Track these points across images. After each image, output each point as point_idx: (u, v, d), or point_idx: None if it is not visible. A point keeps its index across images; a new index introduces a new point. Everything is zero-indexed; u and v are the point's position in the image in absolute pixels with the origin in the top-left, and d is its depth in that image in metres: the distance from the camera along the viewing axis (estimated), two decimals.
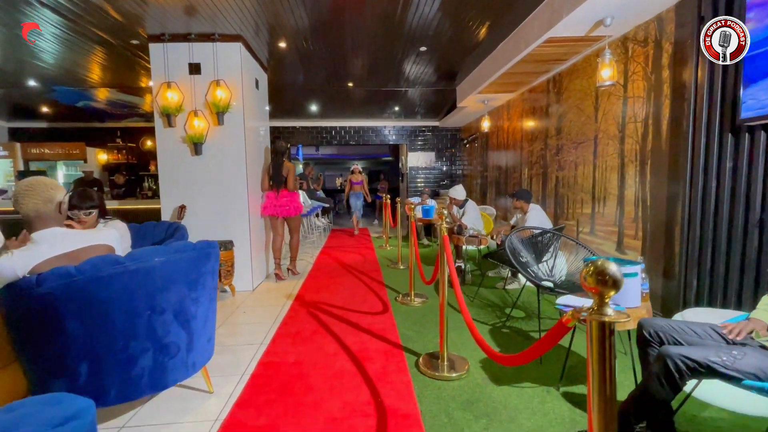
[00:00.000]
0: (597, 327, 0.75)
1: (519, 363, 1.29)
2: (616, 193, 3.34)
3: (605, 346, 0.74)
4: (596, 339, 0.75)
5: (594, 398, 0.75)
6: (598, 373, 0.74)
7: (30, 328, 1.52)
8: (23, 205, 1.54)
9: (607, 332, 0.74)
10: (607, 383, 0.73)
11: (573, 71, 4.00)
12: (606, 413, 0.74)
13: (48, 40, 3.91)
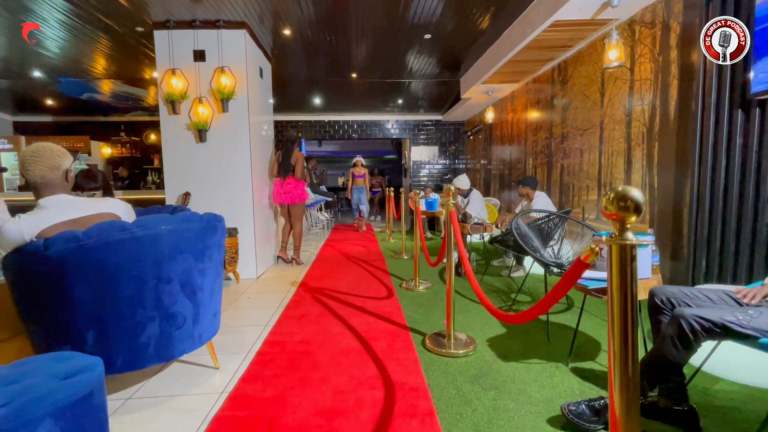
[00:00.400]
0: (618, 252, 0.73)
1: (531, 317, 1.28)
2: (623, 177, 3.31)
3: (627, 272, 0.73)
4: (616, 265, 0.73)
5: (615, 332, 0.74)
6: (618, 302, 0.73)
7: (37, 293, 1.51)
8: (29, 171, 1.53)
9: (629, 257, 0.72)
10: (628, 312, 0.72)
11: (578, 58, 3.98)
12: (628, 348, 0.72)
13: (53, 27, 3.91)
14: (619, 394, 0.73)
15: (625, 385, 0.73)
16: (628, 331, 0.73)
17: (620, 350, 0.73)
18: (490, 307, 1.69)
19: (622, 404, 0.74)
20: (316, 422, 1.55)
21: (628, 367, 0.72)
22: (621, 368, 0.73)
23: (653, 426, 1.46)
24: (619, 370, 0.73)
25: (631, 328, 0.72)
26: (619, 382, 0.73)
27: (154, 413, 1.65)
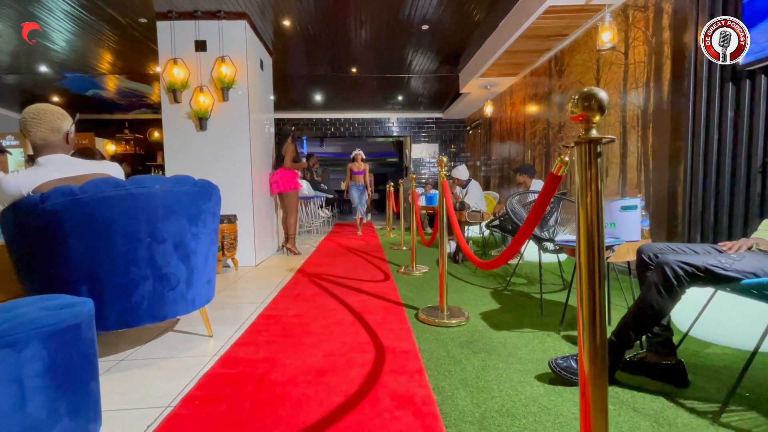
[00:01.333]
0: (585, 150, 0.75)
1: (508, 257, 1.30)
2: (618, 161, 3.32)
3: (593, 168, 0.75)
4: (584, 163, 0.75)
5: (581, 231, 0.75)
6: (583, 200, 0.75)
7: (32, 247, 1.54)
8: (30, 133, 1.58)
9: (594, 153, 0.74)
10: (594, 206, 0.74)
11: (574, 47, 4.01)
12: (594, 245, 0.74)
13: (59, 18, 4.01)
14: (586, 300, 0.75)
15: (590, 299, 0.74)
16: (594, 229, 0.74)
17: (586, 246, 0.75)
18: (471, 256, 1.72)
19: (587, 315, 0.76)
20: (305, 378, 1.56)
21: (594, 268, 0.74)
22: (587, 265, 0.74)
23: (642, 381, 1.46)
24: (585, 270, 0.74)
25: (597, 225, 0.74)
26: (586, 295, 0.74)
27: (146, 372, 1.67)
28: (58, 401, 1.02)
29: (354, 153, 6.73)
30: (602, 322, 0.76)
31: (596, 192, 0.74)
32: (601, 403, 0.75)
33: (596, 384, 0.75)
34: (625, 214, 1.74)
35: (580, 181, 0.76)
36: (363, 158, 6.75)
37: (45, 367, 0.99)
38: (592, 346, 0.74)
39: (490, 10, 4.06)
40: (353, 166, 6.67)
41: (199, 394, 1.45)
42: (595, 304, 0.74)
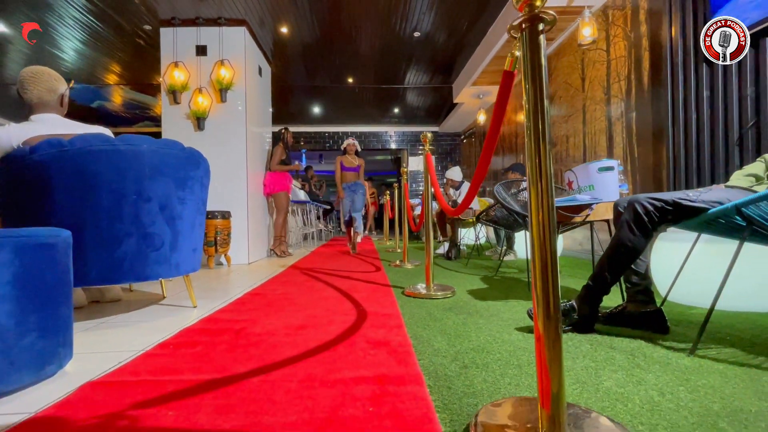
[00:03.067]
0: (528, 31, 0.79)
1: (471, 196, 1.31)
2: (606, 153, 3.38)
3: (535, 44, 0.79)
4: (528, 43, 0.79)
5: (529, 111, 0.79)
6: (531, 76, 0.78)
7: (20, 198, 1.58)
8: (27, 91, 1.65)
9: (536, 31, 0.79)
10: (538, 83, 0.77)
11: (560, 51, 4.17)
12: (539, 124, 0.77)
13: (68, 24, 4.21)
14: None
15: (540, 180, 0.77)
16: (540, 109, 0.77)
17: (533, 128, 0.78)
18: (443, 204, 1.74)
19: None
20: (284, 332, 1.55)
21: (540, 168, 0.77)
22: (534, 168, 0.77)
23: (622, 331, 1.45)
24: (534, 193, 0.77)
25: (541, 106, 0.77)
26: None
27: (125, 330, 1.66)
28: (27, 315, 1.03)
29: (346, 142, 4.87)
30: (551, 236, 0.77)
31: (540, 68, 0.78)
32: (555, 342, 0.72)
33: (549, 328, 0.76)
34: (602, 175, 1.77)
35: (524, 62, 0.80)
36: (358, 150, 4.92)
37: (15, 277, 1.01)
38: (542, 262, 0.76)
39: (479, 15, 4.25)
40: (344, 159, 4.81)
41: (175, 342, 1.44)
42: (542, 191, 0.76)
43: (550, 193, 0.79)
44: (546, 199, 0.78)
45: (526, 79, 0.80)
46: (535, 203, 0.79)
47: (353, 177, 4.84)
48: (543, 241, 0.78)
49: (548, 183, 0.79)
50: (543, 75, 0.79)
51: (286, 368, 1.15)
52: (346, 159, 4.84)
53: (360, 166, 4.88)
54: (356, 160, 4.86)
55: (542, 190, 0.78)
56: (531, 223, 0.80)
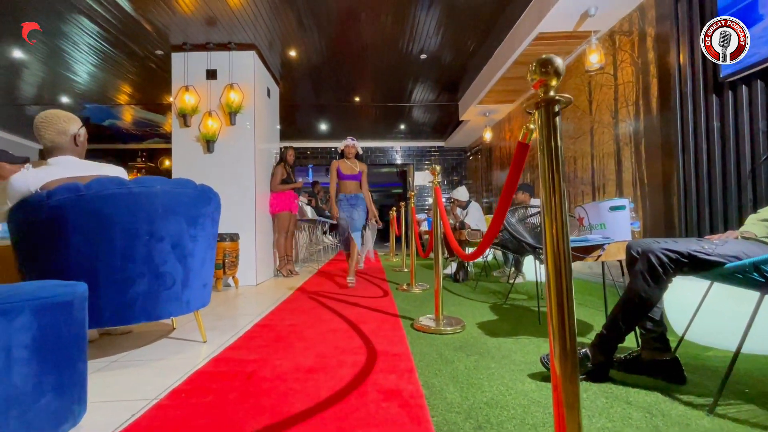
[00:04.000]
0: (544, 111, 0.80)
1: (486, 246, 1.31)
2: (614, 178, 3.37)
3: (551, 126, 0.79)
4: (544, 123, 0.80)
5: (543, 187, 0.79)
6: (547, 154, 0.79)
7: (37, 242, 1.60)
8: (41, 136, 1.69)
9: (552, 112, 0.79)
10: (554, 163, 0.77)
11: (567, 72, 4.18)
12: (555, 203, 0.77)
13: (83, 51, 4.32)
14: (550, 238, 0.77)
15: (556, 242, 0.76)
16: (556, 186, 0.78)
17: (549, 206, 0.78)
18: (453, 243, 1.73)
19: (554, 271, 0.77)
20: (293, 375, 1.54)
21: (558, 237, 0.77)
22: (551, 233, 0.77)
23: (638, 379, 1.42)
24: (550, 248, 0.77)
25: (558, 181, 0.77)
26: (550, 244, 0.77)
27: (136, 370, 1.67)
28: (44, 376, 1.04)
29: (343, 144, 3.88)
30: (569, 296, 0.77)
31: (556, 148, 0.78)
32: (572, 396, 0.75)
33: (568, 379, 0.75)
34: (614, 214, 1.76)
35: (541, 139, 0.81)
36: (359, 153, 3.94)
37: (34, 340, 1.02)
38: (559, 322, 0.76)
39: (485, 38, 4.29)
40: (341, 164, 3.82)
41: (187, 388, 1.44)
42: (562, 273, 0.76)
43: (568, 267, 0.79)
44: (565, 279, 0.77)
45: (542, 156, 0.81)
46: (554, 279, 0.78)
47: (353, 187, 3.83)
48: (562, 322, 0.77)
49: (567, 257, 0.79)
50: (559, 154, 0.79)
51: (299, 426, 1.14)
52: (344, 164, 3.82)
53: (362, 173, 3.86)
54: (357, 166, 3.84)
55: (562, 265, 0.78)
56: (550, 302, 0.79)
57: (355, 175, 3.86)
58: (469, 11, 3.66)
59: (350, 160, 3.86)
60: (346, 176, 3.83)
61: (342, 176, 3.83)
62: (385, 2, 3.51)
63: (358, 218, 3.79)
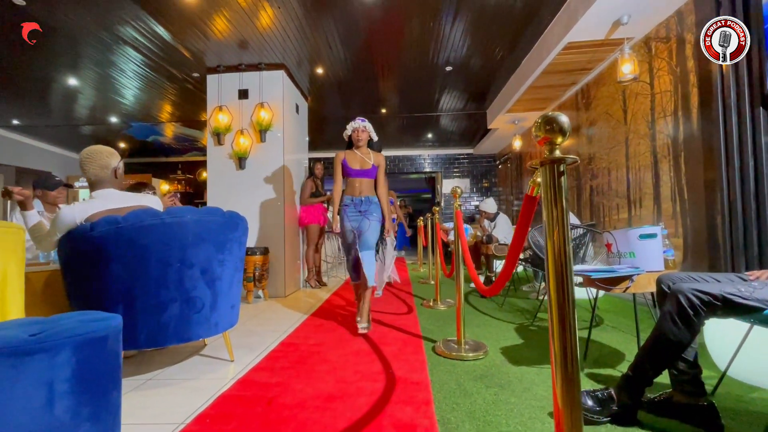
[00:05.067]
0: (549, 169, 0.78)
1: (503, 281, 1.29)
2: (652, 192, 3.19)
3: (557, 185, 0.77)
4: (549, 182, 0.78)
5: (548, 246, 0.77)
6: (552, 210, 0.77)
7: (82, 269, 1.74)
8: (85, 171, 1.83)
9: (557, 171, 0.77)
10: (558, 221, 0.75)
11: (600, 80, 4.01)
12: (562, 260, 0.75)
13: (129, 77, 4.65)
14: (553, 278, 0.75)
15: (560, 286, 0.74)
16: (561, 248, 0.75)
17: (553, 265, 0.76)
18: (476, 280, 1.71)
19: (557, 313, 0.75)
20: (313, 403, 1.58)
21: (563, 289, 0.74)
22: (555, 285, 0.75)
23: (669, 424, 1.34)
24: (554, 291, 0.75)
25: (563, 243, 0.75)
26: (555, 293, 0.75)
27: (168, 390, 1.77)
28: (82, 406, 1.13)
29: (350, 127, 3.00)
30: (572, 339, 0.75)
31: (561, 209, 0.76)
32: None
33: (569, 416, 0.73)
34: (644, 242, 1.67)
35: (545, 199, 0.79)
36: (373, 139, 2.99)
37: (73, 373, 1.11)
38: (562, 364, 0.74)
39: (513, 48, 4.20)
40: (348, 157, 2.87)
41: (212, 413, 1.52)
42: (565, 320, 0.74)
43: (573, 334, 0.77)
44: (569, 345, 0.75)
45: (547, 216, 0.79)
46: (559, 345, 0.76)
47: (365, 188, 2.77)
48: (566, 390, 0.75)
49: (573, 327, 0.76)
50: (565, 215, 0.77)
51: None
52: (352, 156, 2.82)
53: (378, 168, 2.82)
54: (370, 157, 2.80)
55: (567, 334, 0.76)
56: (555, 367, 0.77)
57: (366, 171, 2.78)
58: (495, 21, 3.60)
59: (361, 150, 2.84)
60: (354, 172, 2.77)
61: (349, 172, 2.78)
62: (412, 17, 3.52)
63: (369, 231, 2.70)
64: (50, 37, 3.70)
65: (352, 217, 2.77)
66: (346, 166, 2.83)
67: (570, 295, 0.75)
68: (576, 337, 0.76)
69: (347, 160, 2.84)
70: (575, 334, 0.76)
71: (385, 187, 2.89)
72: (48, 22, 3.44)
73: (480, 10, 3.39)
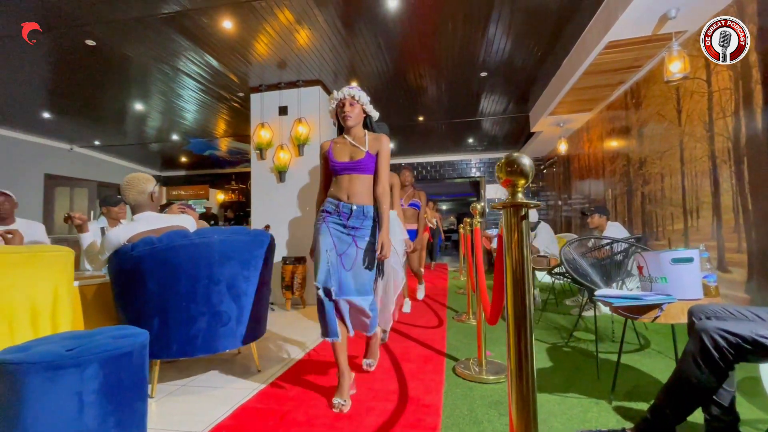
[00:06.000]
0: (512, 213, 0.75)
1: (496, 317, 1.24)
2: (710, 201, 2.86)
3: (519, 230, 0.73)
4: (513, 224, 0.75)
5: (509, 289, 0.73)
6: (514, 254, 0.73)
7: (124, 285, 1.95)
8: (125, 197, 2.05)
9: (519, 216, 0.74)
10: (519, 265, 0.72)
11: (650, 78, 3.68)
12: (519, 295, 0.71)
13: (188, 101, 5.12)
14: (514, 362, 0.71)
15: (520, 357, 0.71)
16: (520, 291, 0.72)
17: (514, 311, 0.72)
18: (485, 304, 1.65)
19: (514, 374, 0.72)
20: (321, 421, 1.63)
21: (521, 332, 0.71)
22: (515, 336, 0.72)
23: None
24: (513, 340, 0.72)
25: (522, 286, 0.72)
26: (514, 358, 0.72)
27: (197, 398, 1.92)
28: (108, 415, 1.27)
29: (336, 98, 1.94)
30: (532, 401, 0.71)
31: (522, 254, 0.73)
32: None
33: None
34: (677, 267, 1.51)
35: (506, 241, 0.76)
36: (370, 114, 2.01)
37: (101, 385, 1.26)
38: None
39: (552, 49, 3.99)
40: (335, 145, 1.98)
41: (229, 424, 1.62)
42: (523, 375, 0.70)
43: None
44: None
45: (509, 260, 0.76)
46: None
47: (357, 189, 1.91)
48: None
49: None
50: (526, 263, 0.73)
51: None
52: (339, 144, 1.98)
53: (378, 157, 1.93)
54: (365, 143, 1.93)
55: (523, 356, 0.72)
56: None
57: (358, 163, 1.88)
58: (533, 23, 3.44)
59: (351, 133, 1.94)
60: (341, 167, 1.90)
61: (335, 167, 1.92)
62: (446, 23, 3.48)
63: (356, 267, 1.84)
64: (119, 71, 4.19)
65: (333, 232, 1.84)
66: (331, 159, 1.93)
67: (529, 349, 0.71)
68: (532, 385, 0.72)
69: (333, 151, 1.93)
70: (534, 394, 0.72)
71: (385, 184, 1.90)
72: (117, 59, 3.90)
73: (517, 12, 3.27)
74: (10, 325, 1.39)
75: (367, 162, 1.90)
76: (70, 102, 5.11)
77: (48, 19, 3.18)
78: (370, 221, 1.92)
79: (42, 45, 3.58)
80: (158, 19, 3.26)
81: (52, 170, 6.84)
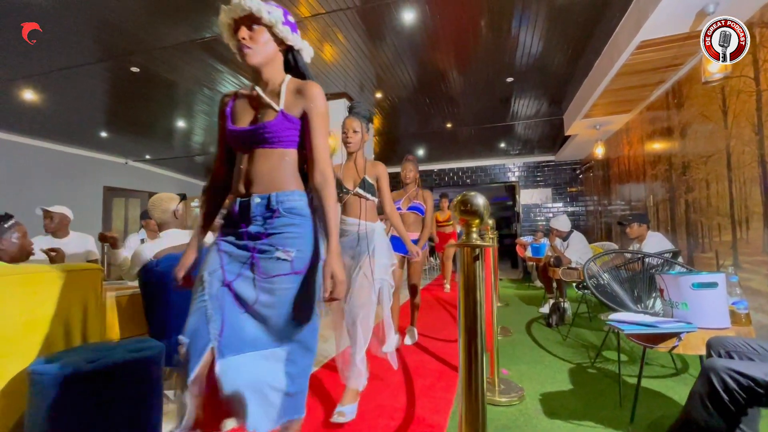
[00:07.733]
0: (467, 252, 0.74)
1: None
2: (761, 211, 2.59)
3: (472, 269, 0.72)
4: (467, 263, 0.73)
5: (462, 326, 0.72)
6: (464, 298, 0.72)
7: (150, 297, 2.11)
8: (152, 216, 2.22)
9: (472, 256, 0.72)
10: (471, 304, 0.70)
11: (692, 76, 3.40)
12: (473, 342, 0.70)
13: None
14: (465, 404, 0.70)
15: (470, 395, 0.69)
16: (475, 330, 0.70)
17: (465, 345, 0.71)
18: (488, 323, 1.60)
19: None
20: None
21: (472, 368, 0.69)
22: (465, 377, 0.70)
23: None
24: (464, 380, 0.70)
25: (476, 324, 0.70)
26: (464, 395, 0.70)
27: None
28: (125, 422, 1.38)
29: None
30: None
31: (474, 295, 0.71)
32: None
33: None
34: (700, 292, 1.38)
35: (461, 278, 0.74)
36: (260, 19, 1.09)
37: (118, 393, 1.37)
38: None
39: (583, 51, 3.81)
40: (238, 107, 1.22)
41: (238, 429, 1.69)
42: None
43: None
44: None
45: (464, 294, 0.74)
46: None
47: (258, 169, 1.14)
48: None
49: None
50: (476, 298, 0.72)
51: None
52: (242, 101, 1.21)
53: (309, 118, 1.12)
54: (281, 90, 1.15)
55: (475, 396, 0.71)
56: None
57: (261, 129, 1.13)
58: (561, 23, 3.31)
59: (262, 79, 1.19)
60: (233, 134, 1.17)
61: (230, 134, 1.18)
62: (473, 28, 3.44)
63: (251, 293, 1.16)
64: (165, 93, 4.56)
65: (224, 246, 1.23)
66: (228, 122, 1.21)
67: (480, 390, 0.70)
68: None
69: (233, 109, 1.23)
70: None
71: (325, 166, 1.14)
72: (161, 83, 4.25)
73: (543, 14, 3.16)
74: (44, 335, 1.56)
75: (278, 127, 1.11)
76: (124, 121, 5.61)
77: (99, 52, 3.53)
78: (290, 222, 1.11)
79: (95, 74, 3.98)
80: (197, 45, 3.51)
81: (110, 183, 7.52)
